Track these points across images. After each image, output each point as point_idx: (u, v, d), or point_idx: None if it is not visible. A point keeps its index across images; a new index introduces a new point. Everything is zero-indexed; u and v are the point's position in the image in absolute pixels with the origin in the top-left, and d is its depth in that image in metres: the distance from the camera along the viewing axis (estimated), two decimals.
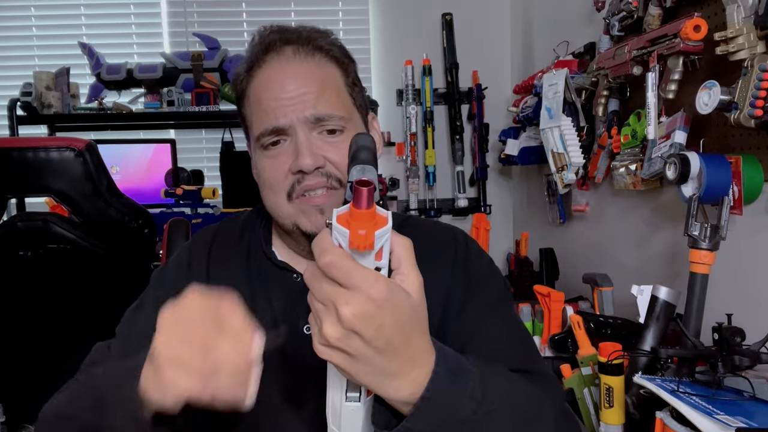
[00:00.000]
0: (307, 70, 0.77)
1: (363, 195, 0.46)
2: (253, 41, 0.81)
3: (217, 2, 2.61)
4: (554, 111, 1.68)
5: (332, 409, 0.56)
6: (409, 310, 0.50)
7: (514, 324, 0.83)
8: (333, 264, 0.46)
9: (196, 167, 2.49)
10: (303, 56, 0.78)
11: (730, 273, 1.12)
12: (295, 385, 0.76)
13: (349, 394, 0.55)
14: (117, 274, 1.64)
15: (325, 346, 0.49)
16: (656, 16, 1.26)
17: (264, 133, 0.76)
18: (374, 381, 0.51)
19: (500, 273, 0.88)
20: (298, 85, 0.75)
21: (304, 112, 0.75)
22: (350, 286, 0.46)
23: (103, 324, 0.88)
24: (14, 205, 2.26)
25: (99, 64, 2.37)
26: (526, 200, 2.47)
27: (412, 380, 0.52)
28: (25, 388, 1.66)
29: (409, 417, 0.53)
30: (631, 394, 1.01)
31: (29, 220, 1.59)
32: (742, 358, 0.87)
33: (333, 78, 0.79)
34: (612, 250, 1.67)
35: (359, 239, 0.46)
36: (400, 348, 0.50)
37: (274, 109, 0.75)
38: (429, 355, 0.53)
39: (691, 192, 1.10)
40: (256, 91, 0.78)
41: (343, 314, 0.46)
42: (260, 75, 0.78)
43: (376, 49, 2.62)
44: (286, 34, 0.79)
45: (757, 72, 0.95)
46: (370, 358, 0.49)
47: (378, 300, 0.46)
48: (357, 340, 0.47)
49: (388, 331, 0.48)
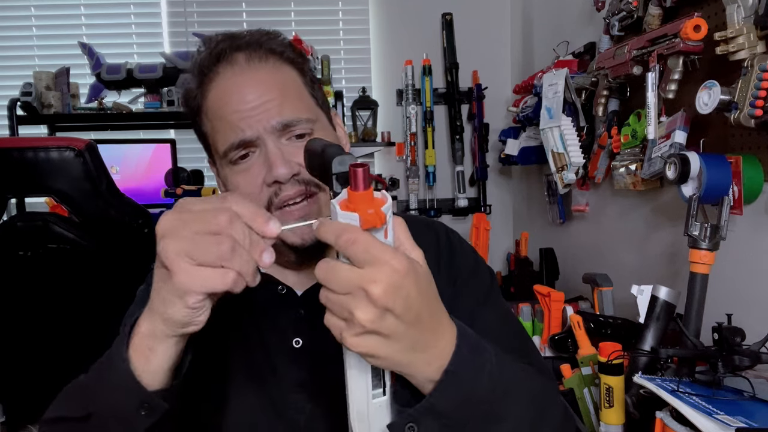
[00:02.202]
0: (264, 76, 0.74)
1: (359, 176, 0.46)
2: (198, 53, 0.77)
3: (217, 2, 2.61)
4: (554, 111, 1.68)
5: (357, 411, 0.55)
6: (425, 279, 0.50)
7: (506, 316, 0.83)
8: (352, 240, 0.46)
9: (196, 167, 2.49)
10: (257, 62, 0.74)
11: (730, 273, 1.12)
12: (287, 400, 0.74)
13: (374, 392, 0.54)
14: (117, 274, 1.64)
15: (360, 335, 0.48)
16: (656, 16, 1.26)
17: (230, 147, 0.72)
18: (406, 358, 0.50)
19: (485, 264, 0.87)
20: (258, 93, 0.72)
21: (269, 120, 0.72)
22: (372, 261, 0.46)
23: (103, 324, 0.88)
24: (14, 205, 2.26)
25: (99, 64, 2.37)
26: (526, 200, 2.47)
27: (440, 351, 0.52)
28: (25, 388, 1.67)
29: (432, 392, 0.52)
30: (631, 394, 1.01)
31: (29, 220, 1.59)
32: (742, 358, 0.86)
33: (291, 81, 0.76)
34: (612, 250, 1.67)
35: (371, 217, 0.46)
36: (426, 319, 0.50)
37: (237, 122, 0.71)
38: (450, 328, 0.53)
39: (691, 192, 1.10)
40: (213, 106, 0.74)
41: (374, 293, 0.46)
42: (215, 88, 0.74)
43: (376, 49, 2.62)
44: (234, 40, 0.75)
45: (757, 72, 0.95)
46: (402, 334, 0.48)
47: (401, 271, 0.47)
48: (390, 317, 0.47)
49: (415, 302, 0.48)
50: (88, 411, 0.60)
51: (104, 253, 1.61)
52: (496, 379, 0.55)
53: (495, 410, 0.56)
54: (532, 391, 0.62)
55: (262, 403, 0.75)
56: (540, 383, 0.65)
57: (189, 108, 0.79)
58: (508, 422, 0.57)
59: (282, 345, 0.76)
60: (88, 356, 0.80)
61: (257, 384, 0.75)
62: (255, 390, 0.75)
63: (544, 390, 0.66)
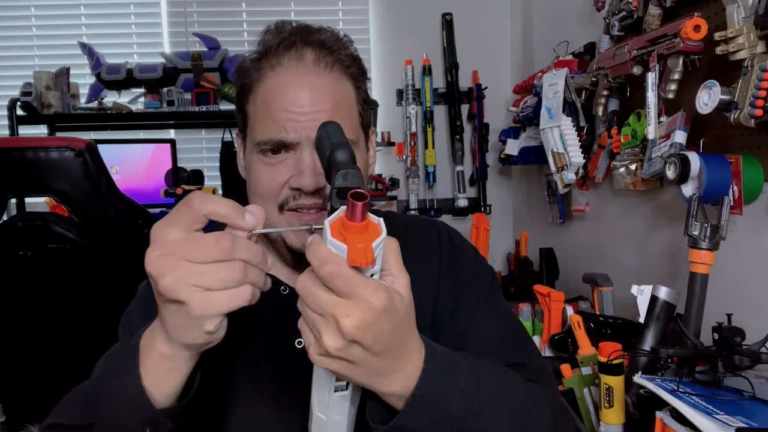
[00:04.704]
0: (324, 84, 0.72)
1: (358, 209, 0.45)
2: (268, 31, 0.75)
3: (217, 2, 2.61)
4: (554, 111, 1.68)
5: (318, 398, 0.58)
6: (403, 312, 0.50)
7: (507, 316, 0.83)
8: (335, 273, 0.46)
9: (196, 167, 2.49)
10: (323, 68, 0.72)
11: (730, 273, 1.12)
12: (289, 400, 0.74)
13: (337, 384, 0.56)
14: (117, 274, 1.64)
15: (324, 356, 0.49)
16: (656, 15, 1.26)
17: (267, 142, 0.72)
18: (369, 380, 0.52)
19: (486, 264, 0.87)
20: (313, 100, 0.70)
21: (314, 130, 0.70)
22: (351, 296, 0.46)
23: (103, 323, 0.88)
24: (14, 205, 2.26)
25: (99, 64, 2.37)
26: (526, 200, 2.47)
27: (405, 375, 0.53)
28: (25, 388, 1.67)
29: (401, 414, 0.54)
30: (631, 394, 1.01)
31: (29, 220, 1.59)
32: (742, 358, 0.87)
33: (347, 96, 0.75)
34: (612, 250, 1.67)
35: (359, 254, 0.45)
36: (394, 348, 0.51)
37: (283, 122, 0.70)
38: (419, 352, 0.54)
39: (691, 192, 1.10)
40: (266, 95, 0.73)
41: (345, 326, 0.46)
42: (273, 77, 0.72)
43: (376, 49, 2.62)
44: (308, 35, 0.74)
45: (757, 72, 0.95)
46: (367, 362, 0.49)
47: (378, 309, 0.47)
48: (357, 348, 0.48)
49: (385, 337, 0.49)
50: (90, 421, 0.61)
51: (104, 253, 1.61)
52: (471, 396, 0.56)
53: (471, 426, 0.56)
54: (514, 401, 0.62)
55: (263, 403, 0.74)
56: (525, 391, 0.65)
57: (240, 81, 0.76)
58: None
59: (284, 345, 0.76)
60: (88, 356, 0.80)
61: (258, 384, 0.75)
62: (256, 390, 0.75)
63: (530, 398, 0.65)
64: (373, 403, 0.56)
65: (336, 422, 0.58)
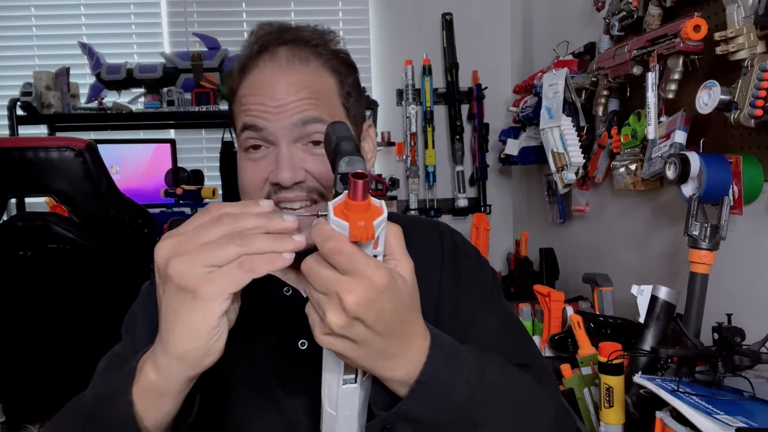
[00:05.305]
0: (299, 78, 0.72)
1: (359, 187, 0.47)
2: (249, 38, 0.77)
3: (217, 2, 2.61)
4: (554, 111, 1.68)
5: (328, 393, 0.58)
6: (406, 294, 0.51)
7: (508, 317, 0.83)
8: (336, 249, 0.47)
9: (196, 167, 2.49)
10: (297, 63, 0.73)
11: (730, 273, 1.12)
12: (291, 402, 0.74)
13: (346, 377, 0.56)
14: (116, 274, 1.64)
15: (328, 335, 0.49)
16: (656, 15, 1.26)
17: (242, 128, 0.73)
18: (372, 363, 0.52)
19: (488, 265, 0.87)
20: (288, 93, 0.71)
21: (290, 118, 0.71)
22: (353, 272, 0.47)
23: (103, 323, 0.88)
24: (14, 205, 2.26)
25: (99, 64, 2.37)
26: (526, 200, 2.47)
27: (409, 360, 0.53)
28: (25, 388, 1.67)
29: (404, 400, 0.54)
30: (631, 394, 1.01)
31: (29, 220, 1.59)
32: (742, 358, 0.87)
33: (327, 88, 0.75)
34: (612, 250, 1.67)
35: (360, 230, 0.47)
36: (398, 331, 0.51)
37: (260, 113, 0.72)
38: (424, 338, 0.54)
39: (691, 192, 1.10)
40: (244, 94, 0.74)
41: (347, 302, 0.47)
42: (251, 78, 0.74)
43: (376, 49, 2.62)
44: (283, 34, 0.75)
45: (757, 72, 0.95)
46: (370, 342, 0.50)
47: (380, 286, 0.47)
48: (360, 326, 0.48)
49: (388, 316, 0.49)
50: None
51: (104, 253, 1.61)
52: (474, 386, 0.56)
53: (474, 416, 0.57)
54: (517, 396, 0.62)
55: (265, 405, 0.74)
56: (528, 387, 0.66)
57: (228, 88, 0.80)
58: (490, 427, 0.58)
59: (287, 347, 0.76)
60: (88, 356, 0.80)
61: (261, 386, 0.75)
62: (259, 392, 0.75)
63: (533, 394, 0.66)
64: (378, 389, 0.56)
65: (345, 417, 0.58)
